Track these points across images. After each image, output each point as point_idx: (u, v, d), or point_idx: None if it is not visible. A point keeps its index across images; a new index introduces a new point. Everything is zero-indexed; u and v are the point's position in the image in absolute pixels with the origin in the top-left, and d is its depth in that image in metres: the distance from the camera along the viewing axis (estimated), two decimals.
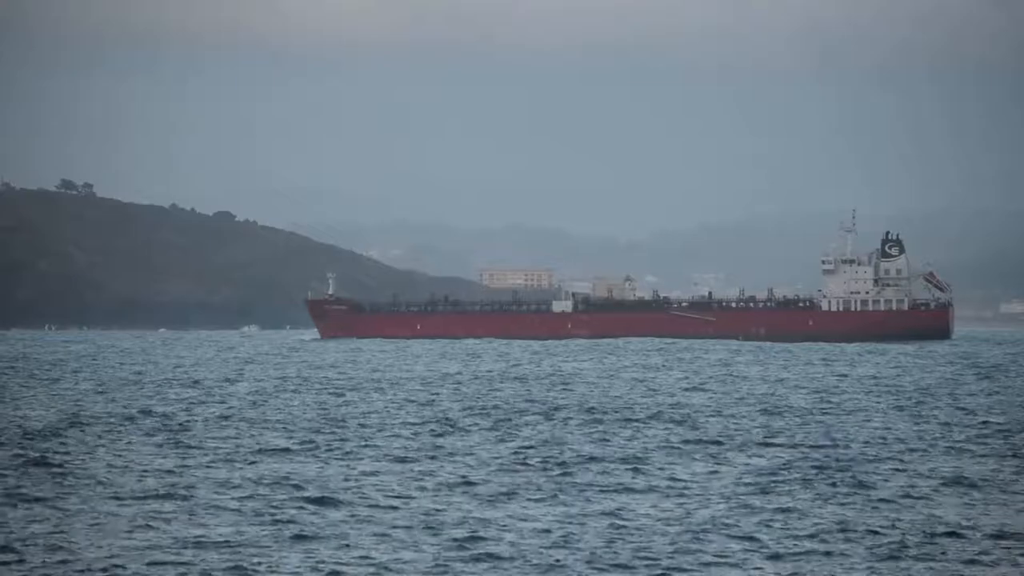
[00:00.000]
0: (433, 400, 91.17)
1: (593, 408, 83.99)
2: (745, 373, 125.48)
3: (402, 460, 58.65)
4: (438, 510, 46.09)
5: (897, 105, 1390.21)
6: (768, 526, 43.69)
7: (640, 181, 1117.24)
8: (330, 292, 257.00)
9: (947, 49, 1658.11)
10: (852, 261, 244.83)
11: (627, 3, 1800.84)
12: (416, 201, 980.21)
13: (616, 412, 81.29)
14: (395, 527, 43.21)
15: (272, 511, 45.66)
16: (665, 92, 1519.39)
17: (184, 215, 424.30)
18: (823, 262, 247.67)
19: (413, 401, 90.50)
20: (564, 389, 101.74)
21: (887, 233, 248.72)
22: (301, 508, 46.23)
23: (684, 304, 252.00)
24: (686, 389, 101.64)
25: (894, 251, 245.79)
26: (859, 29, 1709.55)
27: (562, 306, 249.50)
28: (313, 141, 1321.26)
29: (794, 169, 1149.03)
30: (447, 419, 76.81)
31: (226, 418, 77.60)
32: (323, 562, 38.42)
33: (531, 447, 63.03)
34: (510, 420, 76.49)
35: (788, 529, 43.26)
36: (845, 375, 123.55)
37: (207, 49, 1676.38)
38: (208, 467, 56.05)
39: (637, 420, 76.35)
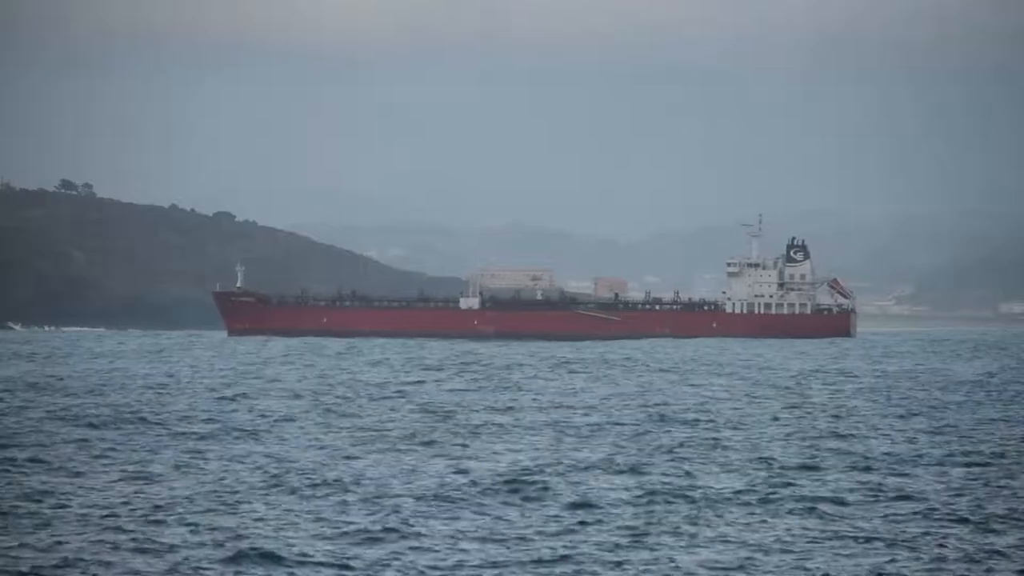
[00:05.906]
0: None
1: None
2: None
3: None
4: None
5: (917, 106, 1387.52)
6: None
7: (640, 181, 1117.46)
8: (238, 284, 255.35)
9: (970, 50, 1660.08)
10: (757, 265, 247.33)
11: (628, 1, 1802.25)
12: (416, 201, 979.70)
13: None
14: None
15: None
16: (666, 92, 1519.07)
17: (184, 215, 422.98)
18: (728, 264, 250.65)
19: None
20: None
21: (792, 239, 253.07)
22: None
23: (590, 304, 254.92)
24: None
25: (799, 256, 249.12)
26: (883, 29, 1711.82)
27: (469, 303, 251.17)
28: (313, 141, 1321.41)
29: (796, 169, 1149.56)
30: None
31: None
32: None
33: None
34: None
35: None
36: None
37: (207, 50, 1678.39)
38: None
39: None
